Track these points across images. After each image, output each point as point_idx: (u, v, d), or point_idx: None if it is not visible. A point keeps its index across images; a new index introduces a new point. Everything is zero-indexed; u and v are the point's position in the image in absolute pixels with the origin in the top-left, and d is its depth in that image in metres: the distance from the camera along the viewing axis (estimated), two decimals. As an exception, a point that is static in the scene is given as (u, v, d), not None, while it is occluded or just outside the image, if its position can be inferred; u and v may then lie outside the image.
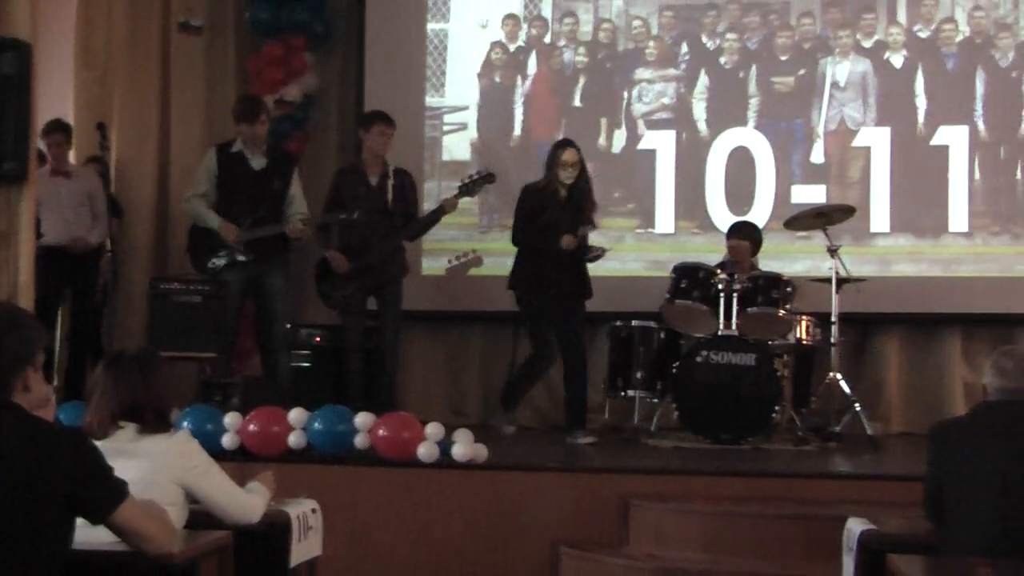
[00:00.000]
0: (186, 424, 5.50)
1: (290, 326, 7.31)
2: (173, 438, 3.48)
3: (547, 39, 8.13)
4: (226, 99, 8.12)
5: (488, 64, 8.16)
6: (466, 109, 8.17)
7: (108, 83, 8.37)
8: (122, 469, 2.93)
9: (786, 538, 4.97)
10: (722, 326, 6.58)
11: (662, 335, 6.93)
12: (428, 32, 8.22)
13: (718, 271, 6.75)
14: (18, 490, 2.71)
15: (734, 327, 6.56)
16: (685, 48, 7.99)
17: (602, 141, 7.81)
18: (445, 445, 5.49)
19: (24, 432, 2.75)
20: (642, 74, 8.00)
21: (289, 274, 7.18)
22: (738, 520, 5.12)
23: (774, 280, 6.70)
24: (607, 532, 5.31)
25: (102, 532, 2.93)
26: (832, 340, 6.76)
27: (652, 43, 8.02)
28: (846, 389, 6.75)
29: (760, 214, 7.70)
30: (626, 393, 6.95)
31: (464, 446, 5.48)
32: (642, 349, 6.89)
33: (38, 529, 2.73)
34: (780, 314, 6.64)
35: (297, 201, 7.04)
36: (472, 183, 7.13)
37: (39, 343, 2.91)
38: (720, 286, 6.60)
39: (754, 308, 6.60)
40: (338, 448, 5.56)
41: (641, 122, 7.98)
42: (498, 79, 8.16)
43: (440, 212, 7.13)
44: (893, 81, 7.79)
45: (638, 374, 6.87)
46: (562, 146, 6.86)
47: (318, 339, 7.45)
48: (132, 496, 2.90)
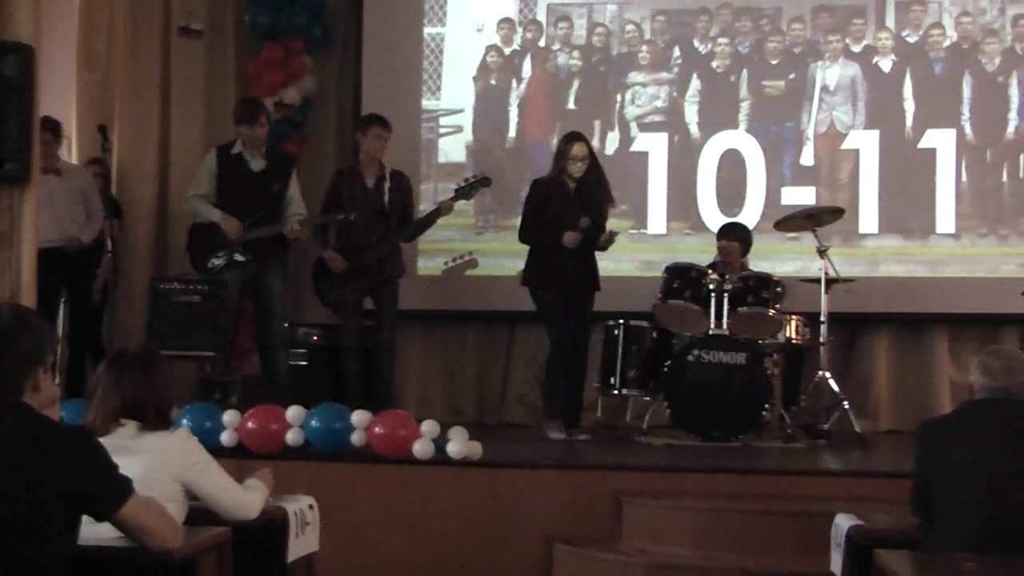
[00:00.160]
0: (185, 422, 5.52)
1: (288, 325, 7.34)
2: (173, 435, 3.50)
3: (542, 43, 8.17)
4: (226, 101, 8.18)
5: (484, 67, 8.20)
6: (462, 112, 8.20)
7: (109, 85, 8.36)
8: (123, 466, 2.93)
9: (776, 534, 4.98)
10: (713, 325, 6.61)
11: (654, 334, 6.92)
12: (425, 36, 8.25)
13: (709, 271, 6.78)
14: (25, 489, 2.71)
15: (725, 326, 6.60)
16: (677, 52, 8.03)
17: (595, 143, 7.82)
18: (440, 442, 5.49)
19: (31, 431, 2.76)
20: (635, 78, 8.06)
21: (287, 274, 7.20)
22: (729, 516, 5.12)
23: (764, 280, 6.72)
24: (600, 528, 5.33)
25: (103, 528, 2.94)
26: (821, 339, 6.77)
27: (645, 47, 8.06)
28: (835, 387, 6.77)
29: (751, 215, 7.74)
30: (619, 391, 6.93)
31: (459, 443, 5.49)
32: (635, 348, 6.88)
33: (44, 527, 2.73)
34: (770, 314, 6.66)
35: (295, 202, 7.07)
36: (468, 187, 7.14)
37: (48, 343, 2.92)
38: (711, 286, 6.63)
39: (744, 308, 6.62)
40: (335, 445, 5.57)
41: (634, 125, 8.03)
42: (493, 82, 8.20)
43: (436, 214, 7.15)
44: (882, 85, 7.84)
45: (631, 373, 6.85)
46: (571, 139, 6.79)
47: (316, 338, 7.49)
48: (137, 493, 2.91)
